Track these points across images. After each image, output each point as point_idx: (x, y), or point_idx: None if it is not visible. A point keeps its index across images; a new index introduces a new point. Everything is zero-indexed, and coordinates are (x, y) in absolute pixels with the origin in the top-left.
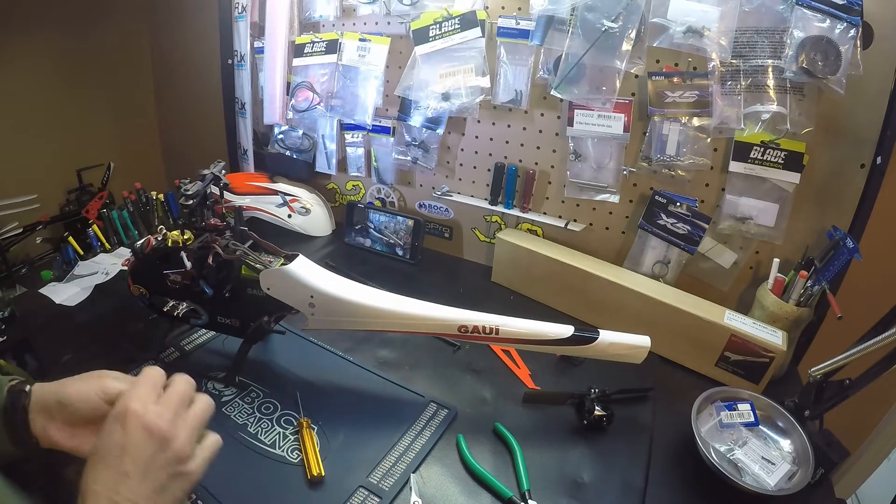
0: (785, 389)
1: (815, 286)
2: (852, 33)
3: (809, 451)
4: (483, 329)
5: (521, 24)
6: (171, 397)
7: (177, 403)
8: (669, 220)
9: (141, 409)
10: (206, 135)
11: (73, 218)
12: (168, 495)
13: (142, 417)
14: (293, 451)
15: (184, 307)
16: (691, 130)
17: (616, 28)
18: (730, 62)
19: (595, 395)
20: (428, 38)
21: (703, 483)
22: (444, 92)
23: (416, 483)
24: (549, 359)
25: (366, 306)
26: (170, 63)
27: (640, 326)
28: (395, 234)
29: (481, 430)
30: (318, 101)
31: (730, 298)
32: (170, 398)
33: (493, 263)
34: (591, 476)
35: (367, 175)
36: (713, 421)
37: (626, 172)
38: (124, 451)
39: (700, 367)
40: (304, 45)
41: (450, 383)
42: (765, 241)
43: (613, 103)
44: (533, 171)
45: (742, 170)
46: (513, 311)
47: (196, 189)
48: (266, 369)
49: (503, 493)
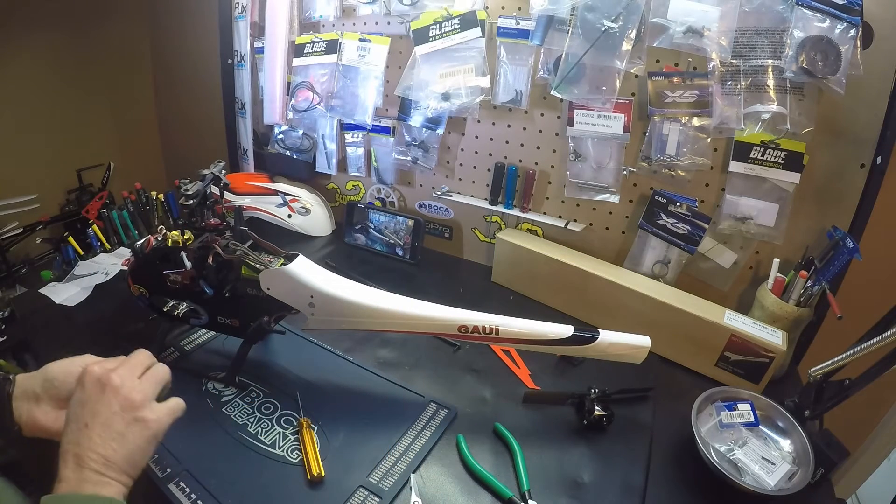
0: (785, 389)
1: (815, 286)
2: (852, 33)
3: (809, 451)
4: (483, 329)
5: (521, 24)
6: (127, 361)
7: (132, 365)
8: (669, 220)
9: (97, 367)
10: (206, 135)
11: (73, 218)
12: (128, 443)
13: (95, 373)
14: (293, 451)
15: (184, 307)
16: (691, 130)
17: (616, 28)
18: (730, 62)
19: (595, 395)
20: (428, 38)
21: (703, 483)
22: (444, 92)
23: (416, 483)
24: (549, 359)
25: (366, 306)
26: (170, 63)
27: (640, 326)
28: (395, 234)
29: (481, 430)
30: (318, 101)
31: (730, 298)
32: (126, 362)
33: (493, 263)
34: (591, 476)
35: (367, 175)
36: (713, 421)
37: (626, 172)
38: (83, 405)
39: (700, 367)
40: (304, 45)
41: (450, 383)
42: (765, 241)
43: (613, 103)
44: (533, 171)
45: (742, 170)
46: (513, 311)
47: (196, 189)
48: (266, 369)
49: (503, 493)
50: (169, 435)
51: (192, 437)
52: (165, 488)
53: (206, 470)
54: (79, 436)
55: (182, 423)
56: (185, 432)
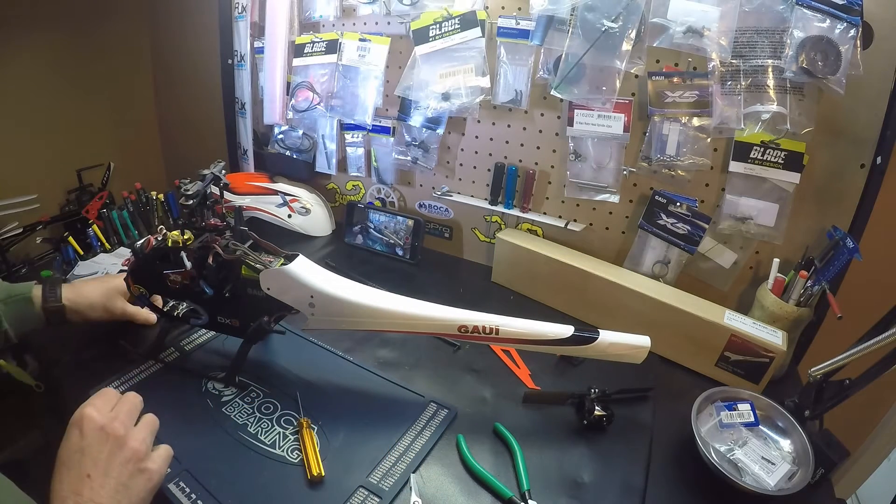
0: (785, 389)
1: (815, 286)
2: (852, 33)
3: (809, 451)
4: (483, 329)
5: (521, 24)
6: (122, 406)
7: (128, 410)
8: (669, 220)
9: (96, 413)
10: (206, 135)
11: (73, 218)
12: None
13: (97, 420)
14: (293, 451)
15: (184, 307)
16: (691, 130)
17: (616, 28)
18: (730, 62)
19: (595, 395)
20: (428, 38)
21: (703, 483)
22: (444, 92)
23: (416, 483)
24: (549, 359)
25: (366, 306)
26: (170, 63)
27: (640, 326)
28: (395, 234)
29: (481, 430)
30: (318, 101)
31: (730, 298)
32: (121, 407)
33: (493, 263)
34: (591, 476)
35: (367, 175)
36: (713, 421)
37: (626, 172)
38: (84, 454)
39: (700, 367)
40: (304, 45)
41: (450, 383)
42: (765, 241)
43: (613, 103)
44: (533, 171)
45: (742, 170)
46: (513, 311)
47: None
48: (266, 369)
49: (503, 493)
50: (169, 435)
51: (192, 437)
52: (165, 488)
53: (206, 470)
54: (80, 485)
55: (182, 423)
56: (185, 432)
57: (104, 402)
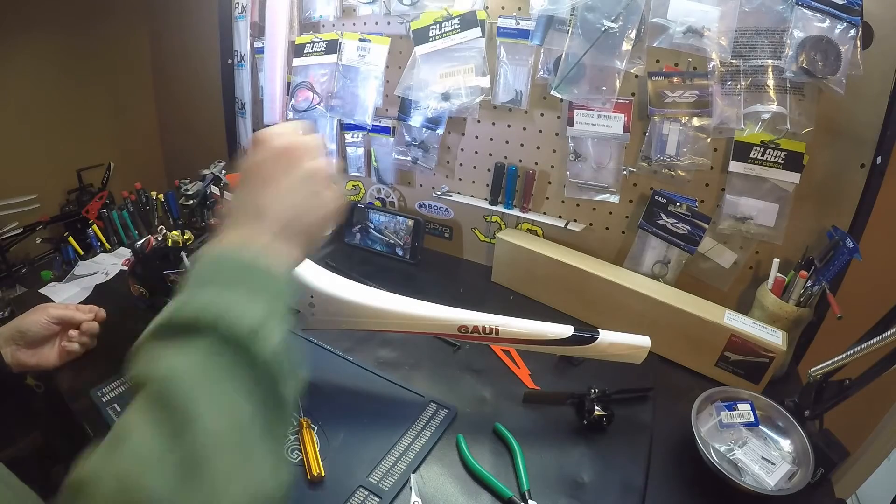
0: (785, 389)
1: (815, 286)
2: (852, 33)
3: (809, 451)
4: (483, 329)
5: (521, 24)
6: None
7: (305, 139)
8: (669, 220)
9: (277, 131)
10: (206, 135)
11: (73, 218)
12: (304, 216)
13: (277, 137)
14: (293, 451)
15: None
16: (691, 130)
17: (616, 28)
18: (730, 62)
19: (595, 395)
20: (428, 38)
21: (703, 483)
22: (444, 92)
23: (416, 483)
24: (549, 359)
25: (366, 306)
26: (170, 63)
27: (640, 326)
28: (395, 234)
29: (481, 430)
30: (318, 101)
31: (730, 298)
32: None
33: (493, 263)
34: (591, 476)
35: (367, 175)
36: (713, 421)
37: (626, 172)
38: (260, 166)
39: (700, 367)
40: (304, 45)
41: (450, 383)
42: (765, 241)
43: (613, 103)
44: (533, 171)
45: (742, 170)
46: (513, 311)
47: (196, 189)
48: None
49: (503, 493)
50: None
51: None
52: None
53: None
54: (254, 194)
55: None
56: None
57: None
